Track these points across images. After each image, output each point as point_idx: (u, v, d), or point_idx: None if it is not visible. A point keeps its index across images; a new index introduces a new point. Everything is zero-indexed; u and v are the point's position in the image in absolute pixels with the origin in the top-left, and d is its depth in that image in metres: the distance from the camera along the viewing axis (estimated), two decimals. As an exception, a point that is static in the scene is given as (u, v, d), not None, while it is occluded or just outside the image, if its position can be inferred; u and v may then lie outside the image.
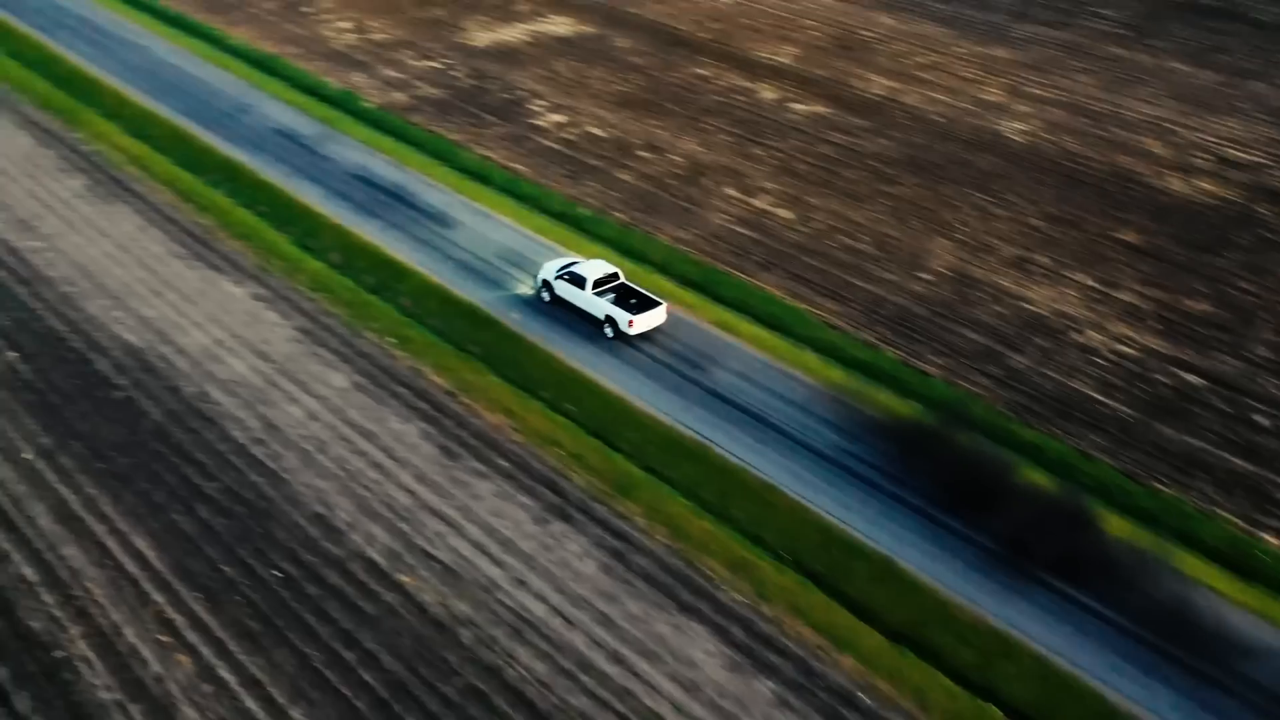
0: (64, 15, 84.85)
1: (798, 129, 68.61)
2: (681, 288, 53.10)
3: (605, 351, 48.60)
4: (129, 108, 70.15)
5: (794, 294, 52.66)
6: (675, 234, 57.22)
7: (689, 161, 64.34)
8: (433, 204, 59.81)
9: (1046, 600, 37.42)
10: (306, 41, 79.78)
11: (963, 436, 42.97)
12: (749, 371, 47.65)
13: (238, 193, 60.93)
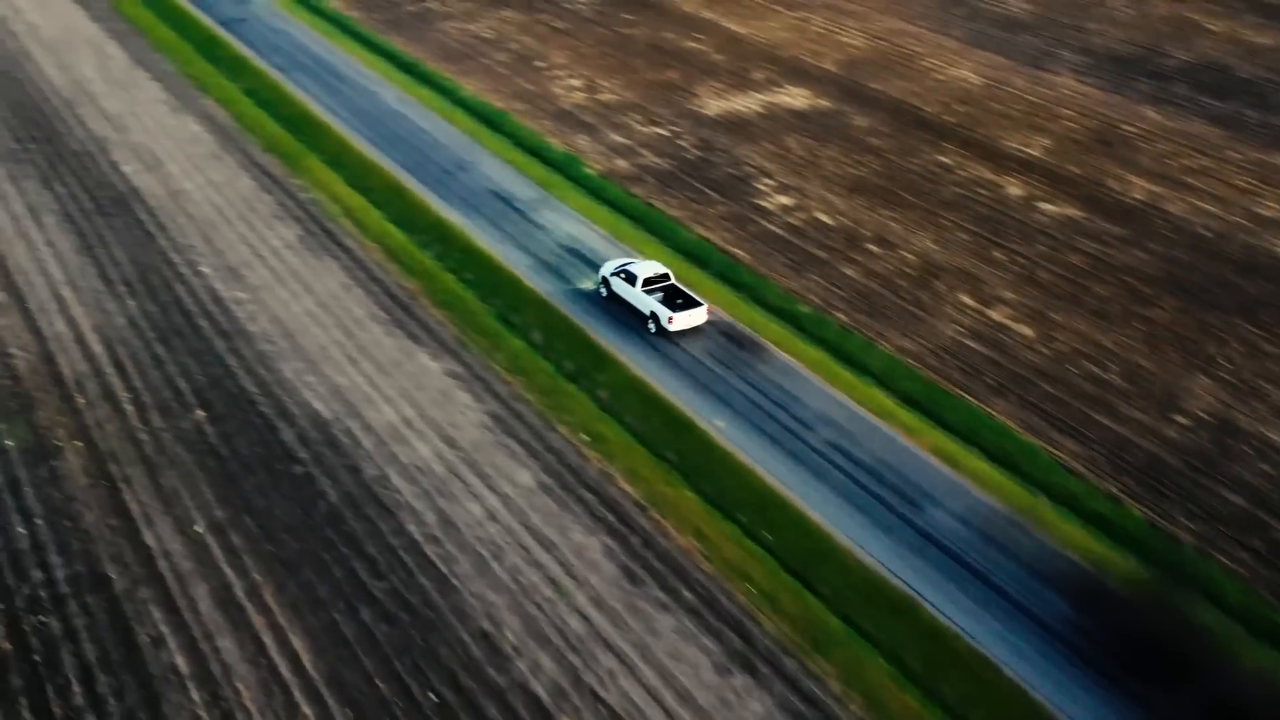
0: (303, 55, 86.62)
1: (1045, 232, 63.60)
2: (901, 406, 49.01)
3: (811, 474, 44.95)
4: (351, 156, 70.40)
5: (1029, 427, 47.89)
6: (900, 343, 53.18)
7: (921, 260, 60.20)
8: (644, 287, 57.41)
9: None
10: (535, 98, 78.99)
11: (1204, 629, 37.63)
12: (970, 515, 43.20)
13: (446, 256, 59.87)
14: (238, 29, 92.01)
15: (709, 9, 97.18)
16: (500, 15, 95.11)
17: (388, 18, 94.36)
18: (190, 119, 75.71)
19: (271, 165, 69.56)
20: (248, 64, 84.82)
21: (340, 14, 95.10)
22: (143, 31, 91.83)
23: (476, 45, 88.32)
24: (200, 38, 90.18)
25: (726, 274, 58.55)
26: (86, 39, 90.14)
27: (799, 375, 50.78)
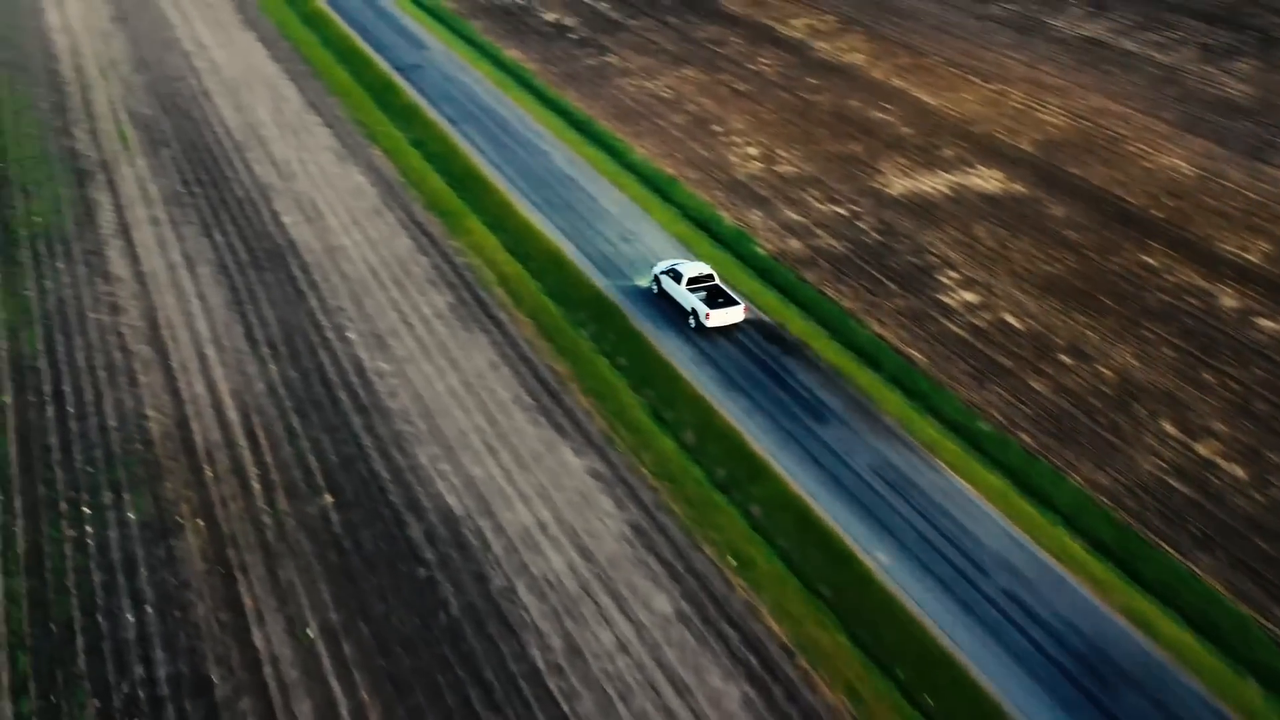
0: (474, 106, 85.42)
1: (1263, 354, 57.54)
2: (1091, 553, 43.95)
3: (984, 629, 40.32)
4: (512, 219, 68.34)
5: (1239, 591, 42.38)
6: (1091, 475, 48.06)
7: (1120, 378, 54.85)
8: (811, 387, 53.43)
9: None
10: (708, 166, 75.94)
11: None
12: (1167, 698, 38.00)
13: (602, 337, 57.00)
14: (413, 75, 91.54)
15: (900, 76, 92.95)
16: (680, 73, 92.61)
17: (565, 71, 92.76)
18: (355, 169, 74.87)
19: (431, 224, 67.95)
20: (418, 113, 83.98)
21: (518, 64, 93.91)
22: (321, 74, 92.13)
23: (652, 105, 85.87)
24: (375, 83, 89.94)
25: (901, 378, 54.22)
26: (265, 79, 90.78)
27: (975, 506, 46.16)
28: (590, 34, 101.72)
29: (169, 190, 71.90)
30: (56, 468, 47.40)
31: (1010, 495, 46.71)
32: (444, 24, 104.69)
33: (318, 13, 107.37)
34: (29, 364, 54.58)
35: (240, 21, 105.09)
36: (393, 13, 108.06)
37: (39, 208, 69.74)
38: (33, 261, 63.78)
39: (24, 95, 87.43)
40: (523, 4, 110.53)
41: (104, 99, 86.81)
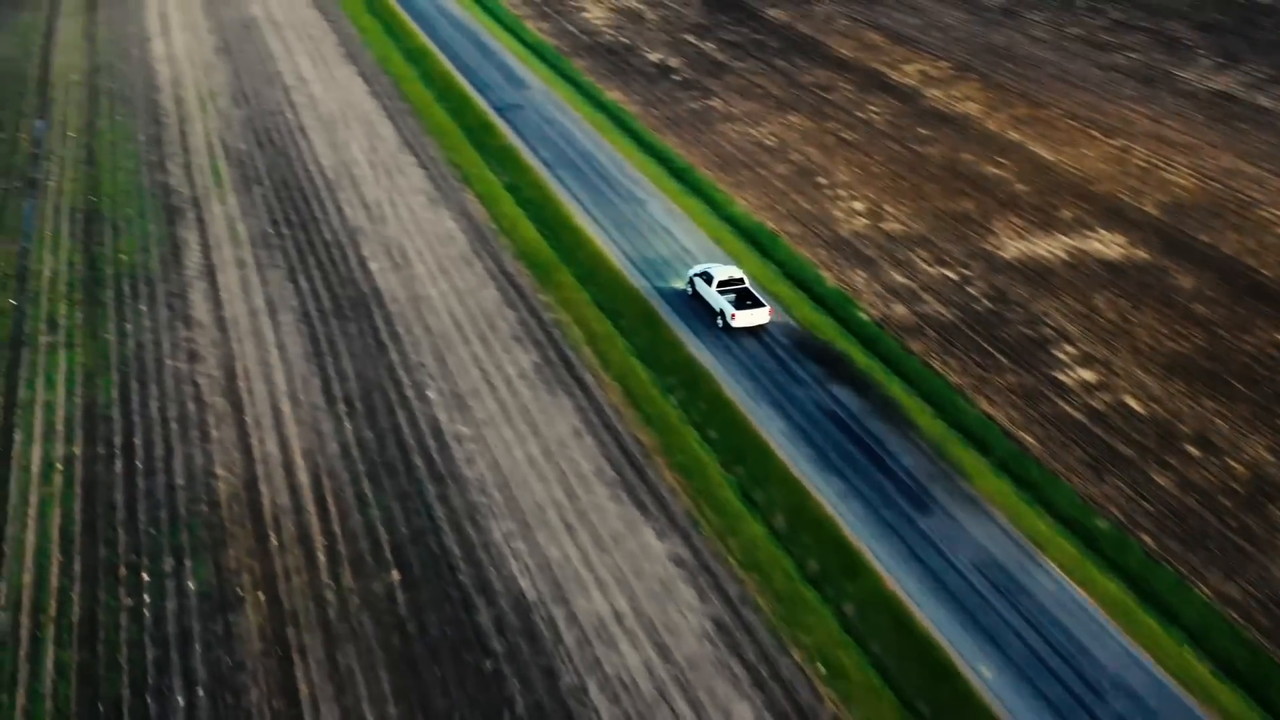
0: (572, 150, 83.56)
1: None
2: (1220, 678, 40.04)
3: (1098, 761, 36.77)
4: (604, 273, 66.08)
5: (1390, 731, 38.28)
6: (1220, 586, 44.12)
7: (1253, 474, 50.73)
8: (912, 471, 50.17)
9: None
10: (811, 220, 73.02)
11: None
12: None
13: (691, 405, 54.33)
14: (511, 116, 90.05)
15: (1016, 129, 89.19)
16: (786, 119, 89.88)
17: (667, 114, 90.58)
18: (447, 214, 73.28)
19: (520, 275, 65.95)
20: (514, 155, 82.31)
21: (619, 106, 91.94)
22: (419, 111, 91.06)
23: (756, 153, 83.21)
24: (473, 123, 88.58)
25: (1011, 465, 50.68)
26: (362, 116, 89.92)
27: (1089, 615, 42.50)
28: (694, 76, 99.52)
29: (257, 230, 70.92)
30: (120, 529, 45.94)
31: (1129, 605, 42.98)
32: (546, 62, 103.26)
33: (421, 48, 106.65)
34: (102, 413, 53.44)
35: (342, 55, 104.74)
36: (496, 49, 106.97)
37: (127, 245, 69.14)
38: (116, 302, 62.98)
39: (124, 127, 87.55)
40: (627, 43, 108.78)
41: (201, 132, 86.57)
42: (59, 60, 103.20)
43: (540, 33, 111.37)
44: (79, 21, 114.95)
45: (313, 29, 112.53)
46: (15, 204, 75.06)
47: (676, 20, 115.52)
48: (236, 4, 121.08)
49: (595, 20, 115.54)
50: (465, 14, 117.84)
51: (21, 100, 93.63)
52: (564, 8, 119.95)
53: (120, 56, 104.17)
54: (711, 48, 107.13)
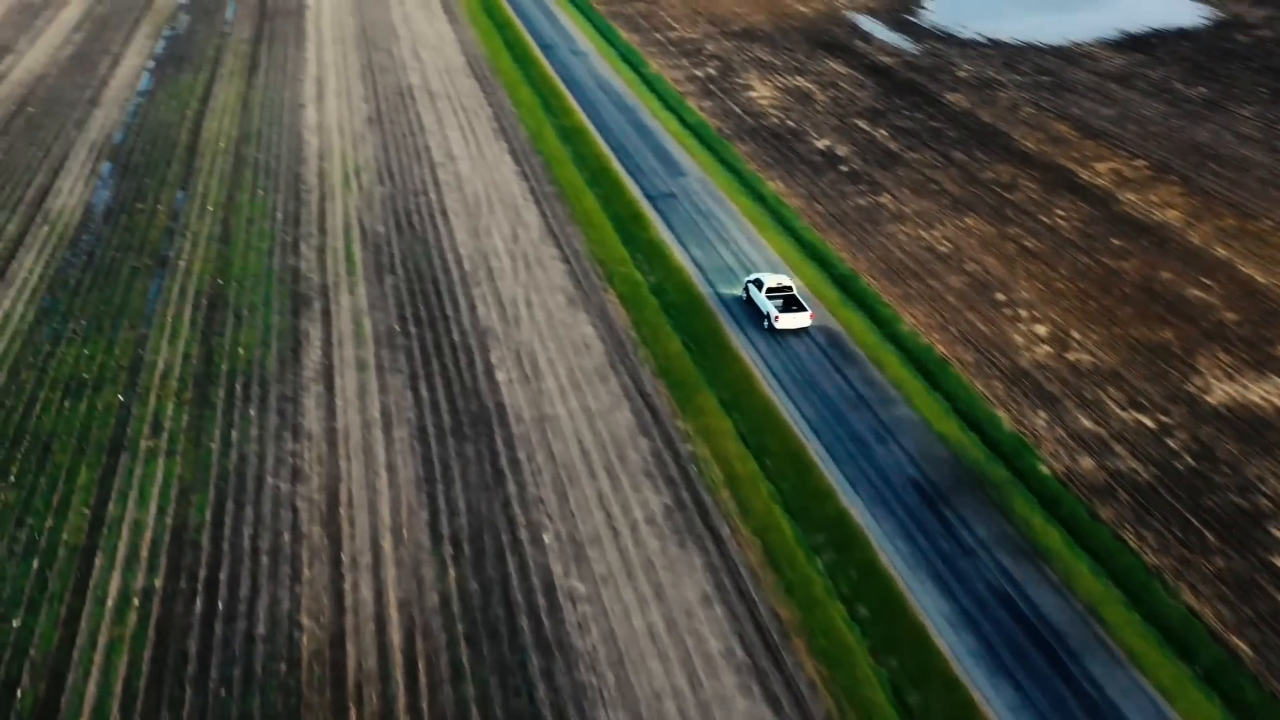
0: (727, 248, 77.98)
1: None
2: None
3: None
4: (752, 400, 60.05)
5: None
6: None
7: None
8: (1099, 681, 42.66)
9: None
10: (988, 345, 65.87)
11: None
12: None
13: (840, 572, 47.78)
14: (664, 205, 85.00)
15: (1223, 243, 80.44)
16: (963, 222, 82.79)
17: (831, 211, 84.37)
18: (585, 318, 68.26)
19: (659, 396, 60.35)
20: (663, 251, 77.08)
21: (780, 200, 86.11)
22: (567, 196, 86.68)
23: (927, 261, 76.37)
24: (623, 212, 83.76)
25: (1219, 679, 42.76)
26: (508, 199, 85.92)
27: None
28: (864, 167, 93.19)
29: (384, 327, 66.92)
30: (188, 686, 41.48)
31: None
32: (706, 146, 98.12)
33: (577, 126, 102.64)
34: (192, 538, 49.41)
35: (494, 131, 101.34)
36: (655, 129, 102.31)
37: (247, 337, 65.79)
38: (226, 403, 59.38)
39: (263, 202, 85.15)
40: (793, 126, 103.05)
41: (340, 211, 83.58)
42: (210, 126, 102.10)
43: (702, 112, 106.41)
44: (237, 85, 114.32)
45: (468, 100, 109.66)
46: (143, 284, 72.66)
47: (848, 103, 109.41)
48: (395, 71, 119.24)
49: (761, 100, 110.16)
50: (627, 89, 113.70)
51: (168, 169, 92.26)
52: (730, 85, 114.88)
53: (271, 124, 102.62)
54: (884, 135, 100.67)
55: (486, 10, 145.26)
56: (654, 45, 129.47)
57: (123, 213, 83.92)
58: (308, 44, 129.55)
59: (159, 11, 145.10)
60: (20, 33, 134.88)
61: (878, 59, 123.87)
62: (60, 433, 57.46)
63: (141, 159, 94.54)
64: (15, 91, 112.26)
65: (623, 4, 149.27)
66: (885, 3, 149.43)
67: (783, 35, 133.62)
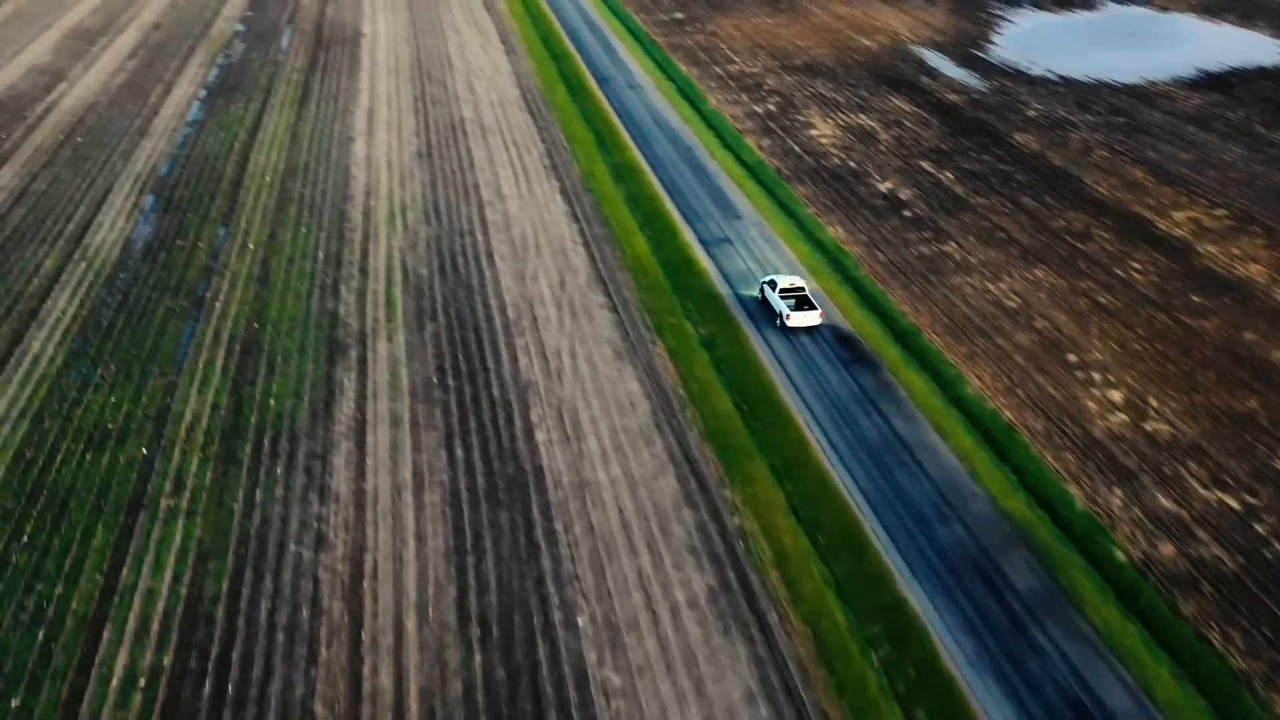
0: (782, 300, 74.79)
1: None
2: None
3: None
4: (807, 469, 56.68)
5: None
6: None
7: None
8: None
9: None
10: (1058, 411, 62.07)
11: None
12: None
13: (895, 668, 44.26)
14: (717, 251, 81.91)
15: (1312, 301, 76.05)
16: (1032, 274, 78.89)
17: (893, 259, 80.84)
18: (632, 373, 65.25)
19: (707, 461, 57.13)
20: (715, 302, 73.96)
21: (839, 247, 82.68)
22: (618, 239, 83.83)
23: (994, 316, 72.62)
24: (675, 257, 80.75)
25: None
26: (556, 241, 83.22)
27: None
28: (928, 212, 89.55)
29: (421, 379, 64.30)
30: (188, 783, 38.68)
31: None
32: (764, 187, 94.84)
33: (631, 164, 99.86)
34: (207, 610, 46.85)
35: (546, 168, 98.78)
36: (712, 170, 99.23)
37: (279, 387, 63.42)
38: (252, 460, 56.93)
39: (305, 240, 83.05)
40: (855, 167, 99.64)
41: (384, 251, 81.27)
42: (257, 159, 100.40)
43: (761, 151, 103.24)
44: (287, 115, 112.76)
45: (520, 135, 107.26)
46: (177, 326, 70.61)
47: (913, 143, 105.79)
48: (448, 103, 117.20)
49: (823, 139, 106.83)
50: (684, 126, 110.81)
51: (211, 203, 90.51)
52: (790, 123, 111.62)
53: (319, 157, 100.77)
54: (949, 178, 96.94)
55: (544, 41, 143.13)
56: (713, 79, 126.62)
57: (162, 250, 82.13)
58: (361, 74, 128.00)
59: (214, 39, 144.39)
60: (76, 59, 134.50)
61: (944, 96, 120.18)
62: (79, 489, 55.24)
63: (185, 192, 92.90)
64: (65, 120, 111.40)
65: (682, 35, 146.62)
66: (952, 37, 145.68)
67: (846, 70, 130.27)
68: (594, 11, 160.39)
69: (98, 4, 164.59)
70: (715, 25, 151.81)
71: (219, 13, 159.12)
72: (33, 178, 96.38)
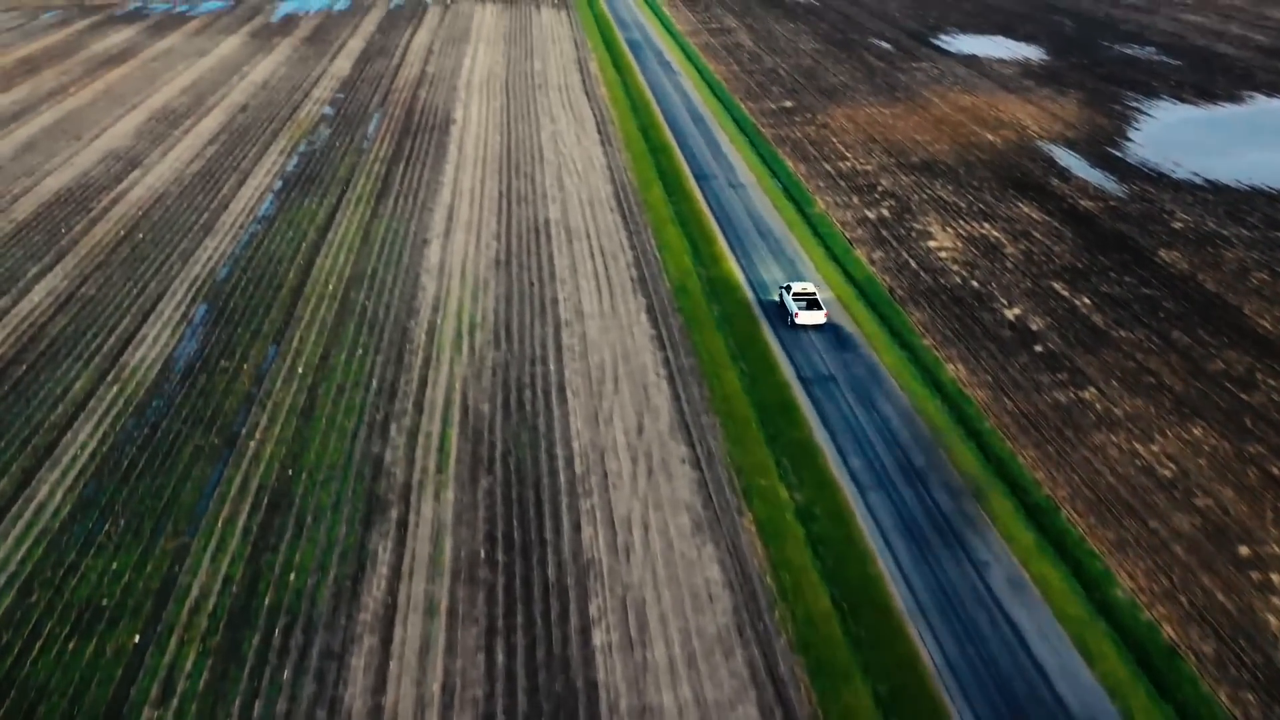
0: (894, 456, 64.95)
1: None
2: None
3: None
4: (919, 705, 46.44)
5: None
6: None
7: None
8: None
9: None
10: (1231, 627, 51.22)
11: None
12: None
13: None
14: (820, 392, 72.36)
15: None
16: (1189, 432, 67.88)
17: (1023, 408, 70.46)
18: (712, 553, 55.85)
19: (796, 684, 47.37)
20: (815, 458, 64.34)
21: (961, 391, 72.52)
22: (707, 374, 74.69)
23: (1146, 490, 61.86)
24: (770, 399, 71.32)
25: None
26: (637, 374, 74.36)
27: None
28: (1063, 347, 78.96)
29: (467, 551, 55.64)
30: None
31: None
32: (875, 311, 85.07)
33: (726, 278, 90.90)
34: None
35: (633, 280, 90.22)
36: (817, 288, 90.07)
37: (304, 557, 55.21)
38: (257, 658, 48.56)
39: (360, 364, 75.32)
40: (977, 288, 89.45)
41: (445, 380, 73.16)
42: (323, 263, 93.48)
43: (872, 265, 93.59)
44: (362, 212, 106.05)
45: (609, 240, 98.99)
46: (203, 470, 63.04)
47: (1043, 259, 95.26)
48: (535, 201, 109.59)
49: (942, 252, 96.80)
50: (788, 233, 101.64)
51: (266, 316, 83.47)
52: (906, 232, 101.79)
53: (389, 262, 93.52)
54: (1087, 304, 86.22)
55: (643, 132, 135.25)
56: (822, 178, 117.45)
57: (204, 371, 74.98)
58: (446, 165, 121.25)
59: (300, 123, 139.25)
60: (155, 144, 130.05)
61: (1078, 203, 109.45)
62: (53, 689, 47.31)
63: (240, 302, 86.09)
64: (130, 213, 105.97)
65: (791, 127, 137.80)
66: (1085, 132, 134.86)
67: (968, 170, 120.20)
68: (698, 98, 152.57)
69: (189, 82, 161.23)
70: (827, 115, 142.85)
71: (309, 94, 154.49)
72: (83, 280, 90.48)
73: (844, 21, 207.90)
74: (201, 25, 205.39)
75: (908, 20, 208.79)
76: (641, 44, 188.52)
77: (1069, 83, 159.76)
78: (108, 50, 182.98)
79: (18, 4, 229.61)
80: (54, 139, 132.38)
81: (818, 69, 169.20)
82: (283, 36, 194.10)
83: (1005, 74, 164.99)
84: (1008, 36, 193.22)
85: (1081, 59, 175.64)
